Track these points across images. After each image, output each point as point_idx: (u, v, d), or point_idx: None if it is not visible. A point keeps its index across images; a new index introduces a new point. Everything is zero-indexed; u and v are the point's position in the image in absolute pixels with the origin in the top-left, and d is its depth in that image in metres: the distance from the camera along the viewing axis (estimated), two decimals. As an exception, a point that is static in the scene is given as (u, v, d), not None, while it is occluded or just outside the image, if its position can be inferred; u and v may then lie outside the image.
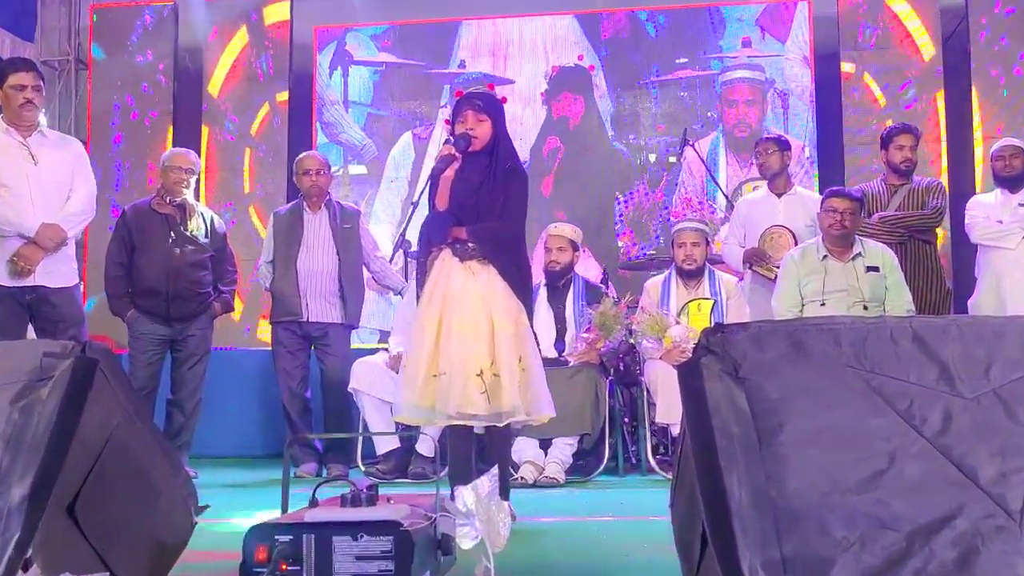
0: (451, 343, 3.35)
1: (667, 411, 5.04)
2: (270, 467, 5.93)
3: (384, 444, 5.39)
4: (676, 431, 5.11)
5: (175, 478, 2.17)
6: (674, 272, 5.49)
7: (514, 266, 3.49)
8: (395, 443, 5.36)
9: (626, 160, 8.07)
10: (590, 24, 8.22)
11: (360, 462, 5.47)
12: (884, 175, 5.63)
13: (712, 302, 5.31)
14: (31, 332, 4.66)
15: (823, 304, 4.93)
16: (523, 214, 3.57)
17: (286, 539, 1.95)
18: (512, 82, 8.15)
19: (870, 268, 4.97)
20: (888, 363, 1.64)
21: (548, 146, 8.13)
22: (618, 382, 5.59)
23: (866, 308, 4.89)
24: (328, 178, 5.71)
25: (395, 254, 6.15)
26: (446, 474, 3.58)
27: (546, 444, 5.13)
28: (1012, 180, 5.34)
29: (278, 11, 8.36)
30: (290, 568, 1.94)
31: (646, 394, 5.33)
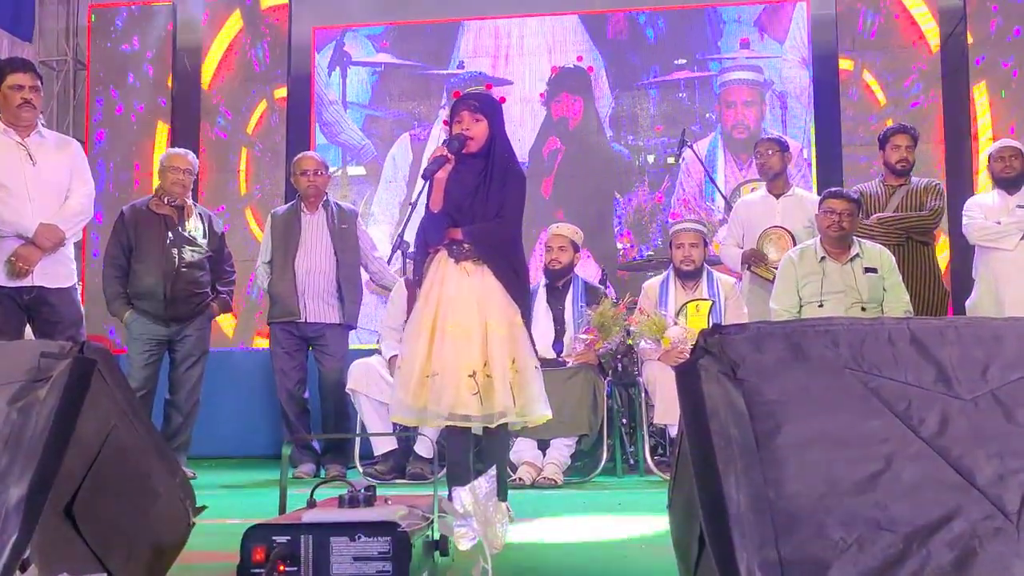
0: (445, 344, 3.36)
1: (665, 412, 5.04)
2: (267, 468, 5.93)
3: (382, 445, 5.39)
4: (674, 432, 5.11)
5: (173, 479, 2.17)
6: (672, 273, 5.50)
7: (510, 267, 3.48)
8: (393, 444, 5.36)
9: (625, 161, 8.07)
10: (589, 25, 8.23)
11: (358, 463, 5.46)
12: (882, 176, 5.64)
13: (710, 303, 5.31)
14: (29, 332, 4.66)
15: (821, 305, 4.94)
16: (520, 215, 3.57)
17: (284, 540, 1.95)
18: (510, 83, 8.15)
19: (868, 269, 4.97)
20: (886, 364, 1.64)
21: (548, 147, 8.14)
22: (616, 383, 5.59)
23: (864, 309, 4.89)
24: (326, 179, 5.72)
25: (393, 255, 6.15)
26: (444, 475, 3.58)
27: (544, 445, 5.13)
28: (1011, 181, 5.34)
29: (274, -5, 8.28)
30: (288, 569, 1.93)
31: (644, 395, 5.33)
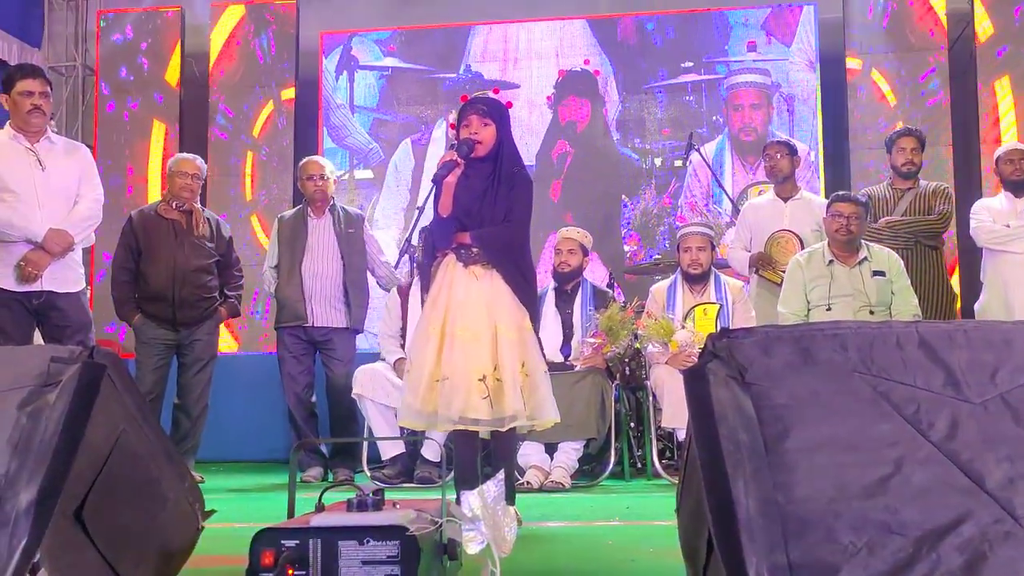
0: (454, 348, 3.35)
1: (673, 415, 5.04)
2: (275, 472, 5.94)
3: (390, 449, 5.39)
4: (682, 435, 5.10)
5: (182, 483, 2.18)
6: (680, 276, 5.49)
7: (518, 271, 3.48)
8: (400, 448, 5.36)
9: (632, 165, 8.07)
10: (596, 29, 8.23)
11: (366, 467, 5.47)
12: (890, 179, 5.63)
13: (718, 306, 5.30)
14: (38, 337, 4.67)
15: (829, 309, 4.93)
16: (528, 219, 3.57)
17: (292, 544, 1.95)
18: (518, 87, 8.16)
19: (876, 273, 4.96)
20: (895, 368, 1.64)
21: (557, 150, 8.14)
22: (624, 387, 5.59)
23: (872, 313, 4.88)
24: (331, 183, 5.71)
25: (401, 259, 6.16)
26: (452, 479, 3.58)
27: (552, 449, 5.13)
28: (1019, 184, 5.33)
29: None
30: (296, 573, 1.94)
31: (652, 398, 5.33)
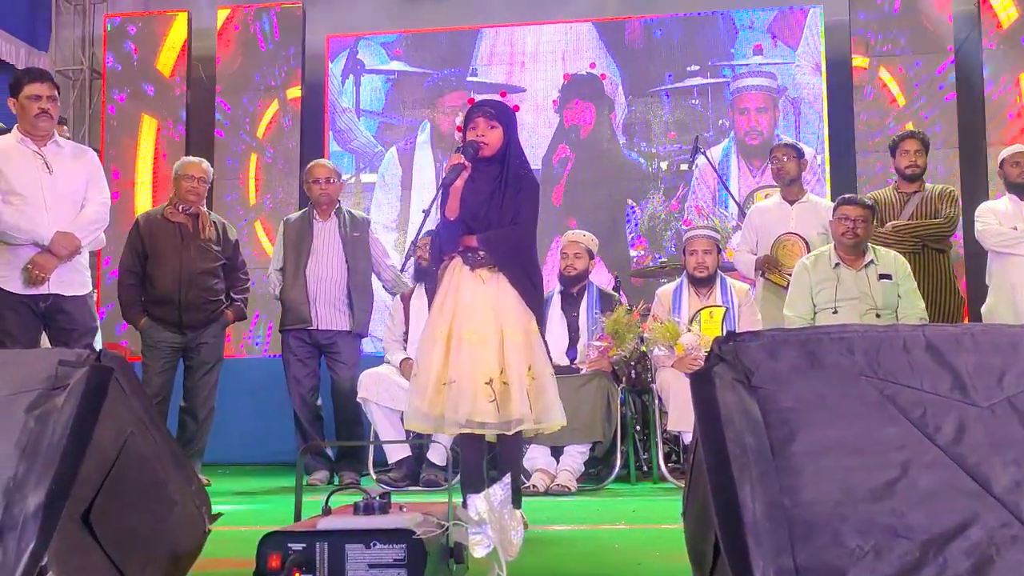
0: (461, 352, 3.35)
1: (679, 419, 5.03)
2: (280, 475, 5.95)
3: (396, 452, 5.40)
4: (688, 439, 5.10)
5: (189, 486, 2.18)
6: (686, 280, 5.49)
7: (524, 274, 3.48)
8: (406, 451, 5.37)
9: (638, 168, 8.07)
10: (602, 32, 8.24)
11: (371, 470, 5.47)
12: (896, 182, 5.62)
13: (724, 310, 5.30)
14: (45, 341, 4.68)
15: (835, 312, 4.92)
16: (534, 222, 3.57)
17: (299, 547, 1.96)
18: (523, 90, 8.17)
19: (883, 276, 4.95)
20: (901, 372, 1.64)
21: (559, 154, 8.14)
22: (630, 390, 5.58)
23: (879, 316, 4.87)
24: (337, 186, 5.72)
25: (406, 263, 6.17)
26: (458, 482, 3.58)
27: (558, 452, 5.13)
28: None
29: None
30: (303, 576, 1.94)
31: (658, 402, 5.32)
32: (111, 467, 1.85)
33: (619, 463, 5.20)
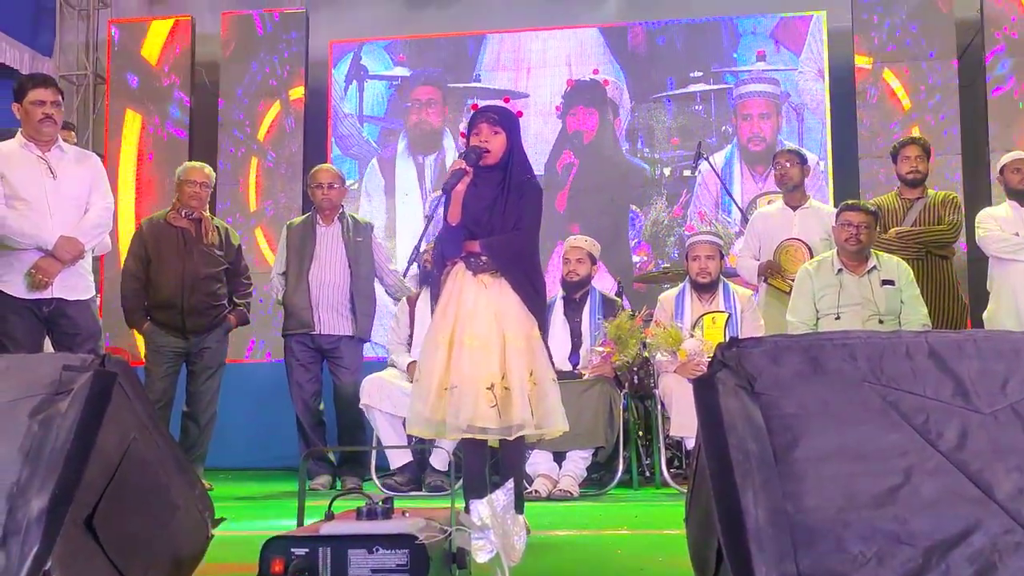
0: (463, 356, 3.35)
1: (681, 424, 5.03)
2: (282, 479, 5.95)
3: (398, 457, 5.40)
4: (690, 444, 5.09)
5: (192, 491, 2.18)
6: (688, 285, 5.49)
7: (527, 279, 3.49)
8: (409, 456, 5.37)
9: (640, 174, 8.07)
10: (605, 38, 8.25)
11: (374, 475, 5.47)
12: (898, 188, 5.62)
13: (726, 315, 5.30)
14: (48, 345, 4.68)
15: (838, 318, 4.92)
16: (537, 228, 3.57)
17: (302, 552, 1.96)
18: (527, 96, 8.18)
19: (885, 282, 4.95)
20: (904, 378, 1.64)
21: (563, 160, 8.15)
22: (632, 395, 5.58)
23: (881, 322, 4.87)
24: (340, 192, 5.71)
25: (409, 267, 6.18)
26: (460, 487, 3.58)
27: (560, 457, 5.12)
28: None
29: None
30: (306, 581, 1.94)
31: (660, 407, 5.32)
32: (114, 472, 1.86)
33: (621, 468, 5.20)
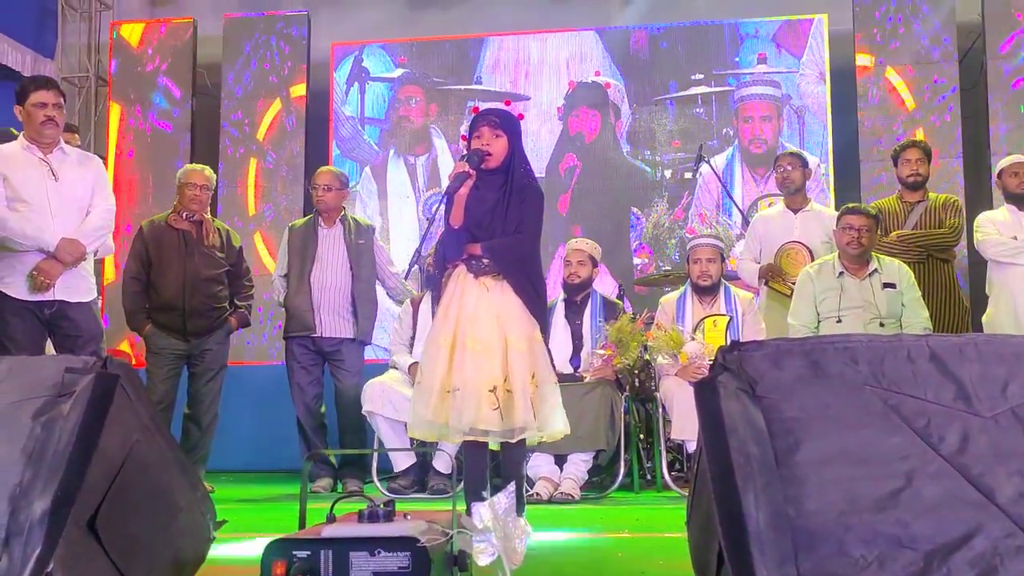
0: (465, 359, 3.35)
1: (682, 427, 5.03)
2: (283, 482, 5.94)
3: (402, 460, 5.40)
4: (691, 447, 5.10)
5: (194, 493, 2.19)
6: (690, 288, 5.49)
7: (528, 282, 3.48)
8: (412, 459, 5.37)
9: (642, 176, 8.07)
10: (607, 41, 8.25)
11: (375, 478, 5.47)
12: (900, 191, 5.63)
13: (728, 318, 5.30)
14: (49, 347, 4.69)
15: (839, 321, 4.92)
16: (538, 230, 3.57)
17: (304, 554, 1.96)
18: (528, 98, 8.18)
19: (887, 285, 4.95)
20: (905, 382, 1.64)
21: (565, 163, 8.15)
22: (633, 398, 5.58)
23: (882, 325, 4.87)
24: (338, 194, 5.68)
25: (410, 270, 6.17)
26: (462, 490, 3.58)
27: (561, 460, 5.12)
28: None
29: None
30: (307, 583, 1.94)
31: (661, 410, 5.32)
32: (117, 474, 1.86)
33: (623, 471, 5.20)
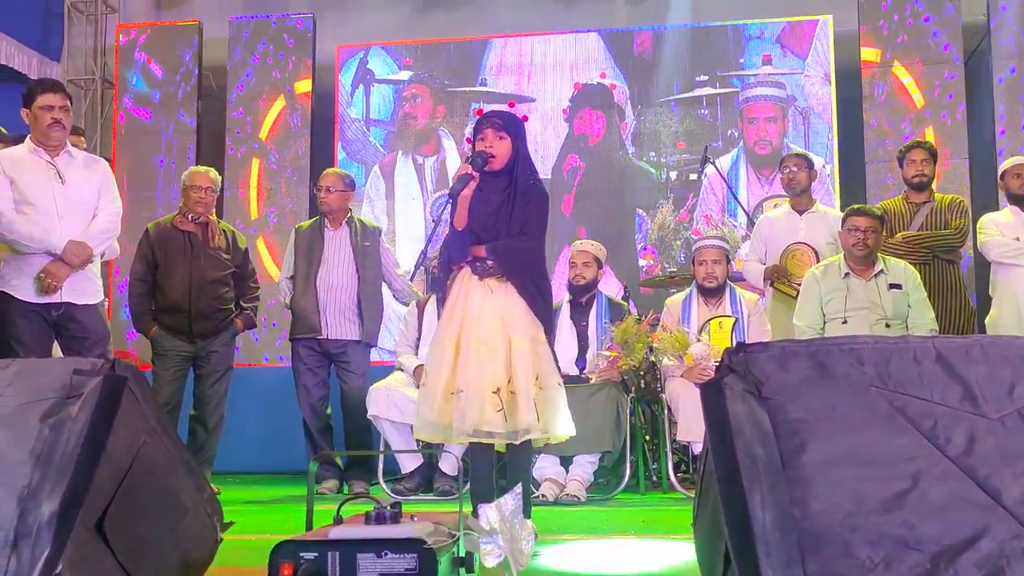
0: (469, 361, 3.36)
1: (688, 429, 5.03)
2: (289, 483, 5.95)
3: (409, 462, 5.40)
4: (697, 449, 5.09)
5: (201, 495, 2.19)
6: (695, 290, 5.49)
7: (533, 284, 3.49)
8: (418, 461, 5.38)
9: (647, 178, 8.08)
10: (611, 43, 8.26)
11: (381, 479, 5.47)
12: (905, 192, 5.62)
13: (733, 320, 5.29)
14: (56, 349, 4.70)
15: (845, 322, 4.92)
16: (543, 232, 3.58)
17: (311, 556, 1.97)
18: (533, 100, 8.19)
19: (893, 286, 4.95)
20: (911, 383, 1.64)
21: (569, 164, 8.15)
22: (639, 400, 5.58)
23: (888, 326, 4.87)
24: (341, 196, 5.66)
25: (416, 272, 6.16)
26: (468, 491, 3.58)
27: (567, 462, 5.13)
28: None
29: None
30: (314, 585, 1.95)
31: (667, 412, 5.32)
32: (124, 475, 1.86)
33: (628, 473, 5.20)
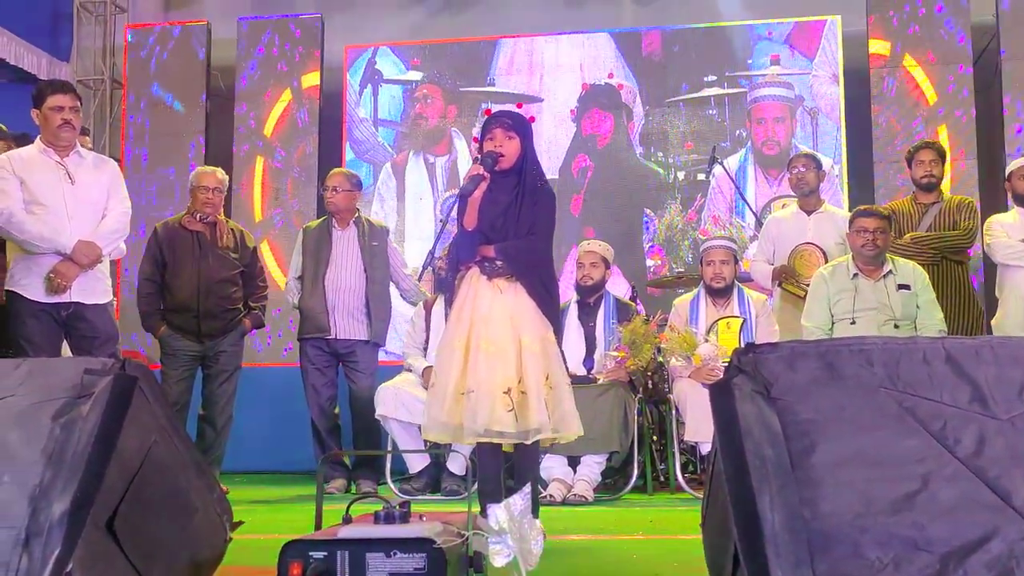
0: (479, 361, 3.36)
1: (696, 429, 5.02)
2: (297, 483, 5.96)
3: (417, 462, 5.41)
4: (705, 449, 5.09)
5: (210, 494, 2.20)
6: (703, 290, 5.49)
7: (541, 284, 3.49)
8: (426, 461, 5.38)
9: (655, 178, 8.07)
10: (620, 43, 8.26)
11: (389, 479, 5.48)
12: (914, 192, 5.61)
13: (741, 320, 5.29)
14: (65, 349, 4.72)
15: (853, 322, 4.91)
16: (551, 232, 3.58)
17: (320, 555, 1.97)
18: (542, 100, 8.19)
19: (901, 286, 4.94)
20: (921, 384, 1.64)
21: (577, 164, 8.15)
22: (647, 400, 5.58)
23: (897, 327, 4.86)
24: (348, 195, 5.67)
25: (423, 272, 6.18)
26: (476, 491, 3.59)
27: (575, 462, 5.12)
28: None
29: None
30: (324, 584, 1.95)
31: (675, 412, 5.32)
32: (135, 475, 1.87)
33: (636, 473, 5.19)
